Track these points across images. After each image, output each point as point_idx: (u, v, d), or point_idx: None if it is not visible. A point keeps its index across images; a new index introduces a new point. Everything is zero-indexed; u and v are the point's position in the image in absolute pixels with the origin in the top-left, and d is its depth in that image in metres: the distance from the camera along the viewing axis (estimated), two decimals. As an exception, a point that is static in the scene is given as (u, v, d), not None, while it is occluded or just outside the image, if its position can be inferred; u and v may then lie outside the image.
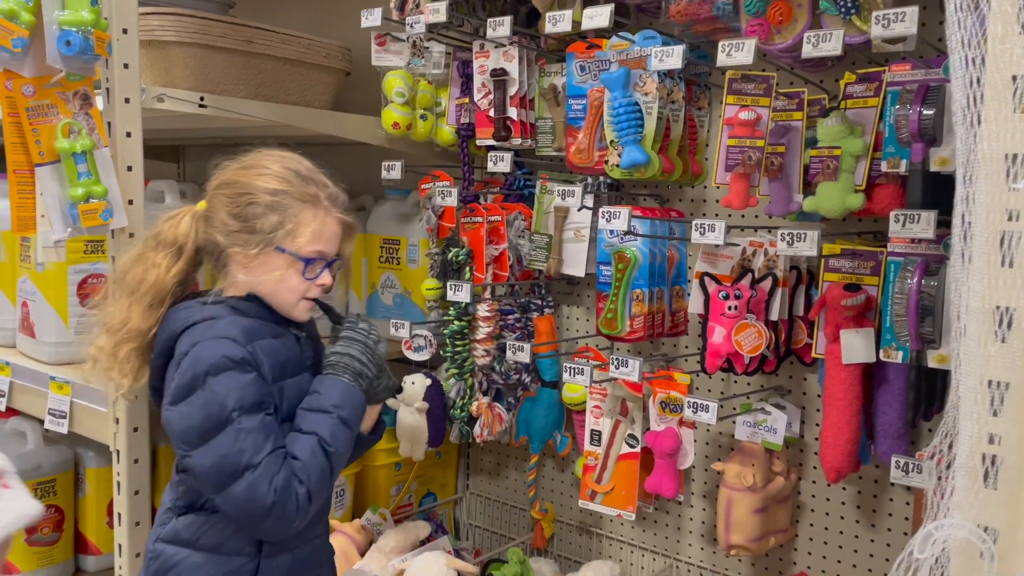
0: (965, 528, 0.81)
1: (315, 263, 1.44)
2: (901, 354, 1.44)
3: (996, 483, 0.80)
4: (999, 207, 0.75)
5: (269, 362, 1.39)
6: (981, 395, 0.79)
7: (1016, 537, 0.81)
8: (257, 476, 1.31)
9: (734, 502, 1.68)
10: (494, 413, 2.03)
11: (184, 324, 1.40)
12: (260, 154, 1.47)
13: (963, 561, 0.82)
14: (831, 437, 1.52)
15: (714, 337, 1.62)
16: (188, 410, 1.33)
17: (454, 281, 1.89)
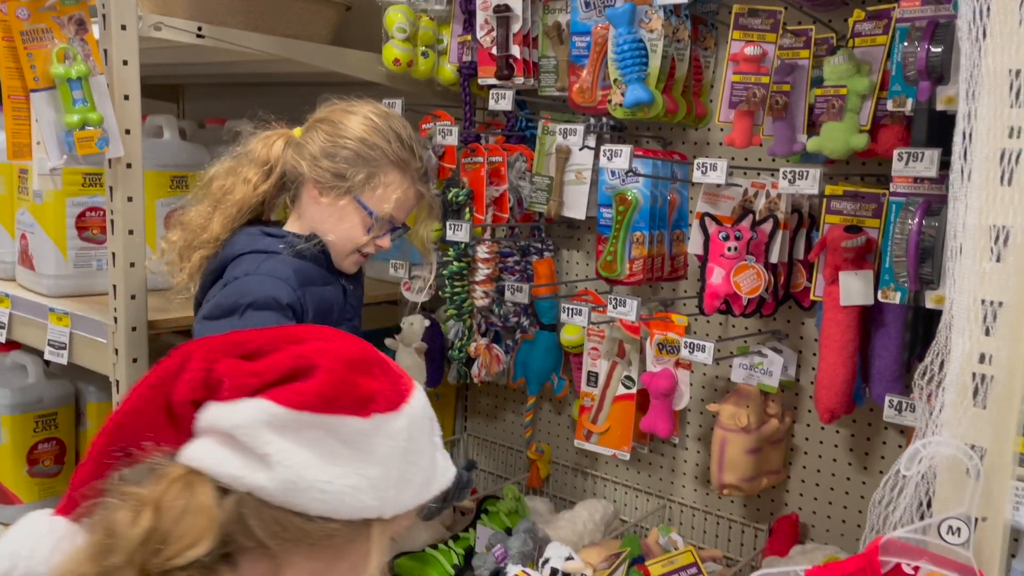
0: (952, 445, 0.81)
1: (383, 224, 1.46)
2: (899, 295, 1.43)
3: (985, 401, 0.81)
4: (1001, 124, 0.74)
5: (314, 308, 1.43)
6: (974, 313, 0.79)
7: (1003, 455, 0.82)
8: None
9: (728, 442, 1.69)
10: (492, 354, 2.04)
11: (241, 250, 1.44)
12: (368, 104, 1.51)
13: (949, 478, 0.83)
14: (826, 378, 1.53)
15: (713, 278, 1.61)
16: (217, 331, 1.35)
17: (453, 221, 1.88)
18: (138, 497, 0.76)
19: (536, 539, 1.65)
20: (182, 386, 0.79)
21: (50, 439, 2.13)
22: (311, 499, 0.76)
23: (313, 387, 0.77)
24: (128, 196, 1.66)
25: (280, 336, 0.83)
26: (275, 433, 0.76)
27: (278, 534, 0.76)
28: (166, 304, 1.88)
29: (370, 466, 0.78)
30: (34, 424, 2.09)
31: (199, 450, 0.78)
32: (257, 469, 0.76)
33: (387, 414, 0.80)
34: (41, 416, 2.11)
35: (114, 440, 0.81)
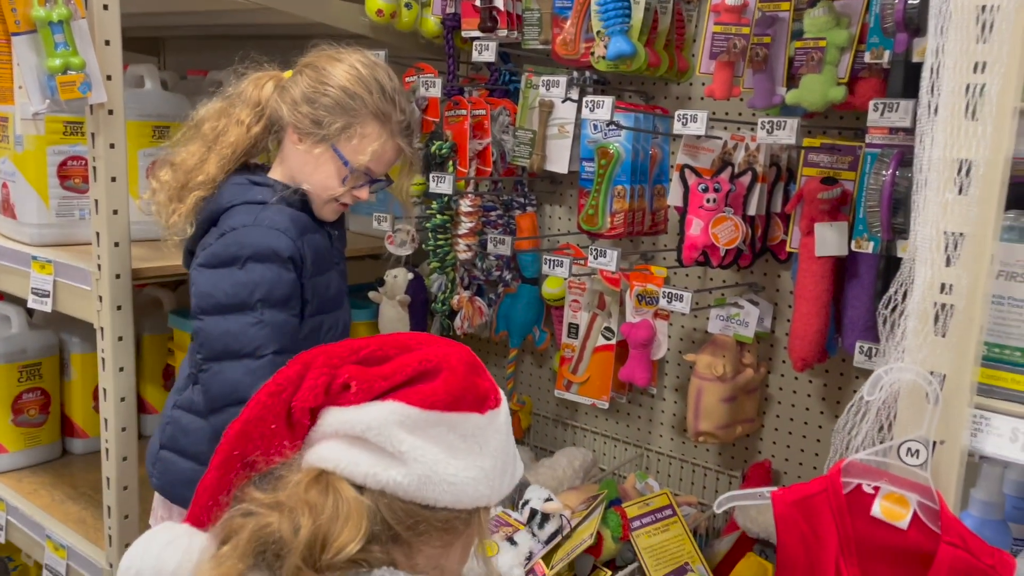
0: (913, 371, 0.85)
1: (359, 175, 1.46)
2: (872, 244, 1.47)
3: (945, 329, 0.84)
4: (967, 58, 0.77)
5: (312, 256, 1.43)
6: (936, 243, 0.82)
7: (961, 381, 0.86)
8: (254, 367, 1.33)
9: (704, 391, 1.73)
10: (475, 306, 2.06)
11: (232, 200, 1.43)
12: (356, 53, 1.49)
13: (910, 403, 0.86)
14: (800, 328, 1.57)
15: (691, 230, 1.64)
16: (217, 280, 1.36)
17: (437, 174, 1.89)
18: (280, 502, 0.81)
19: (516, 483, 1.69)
20: (305, 392, 0.85)
21: (34, 389, 2.14)
22: (441, 492, 0.82)
23: (441, 387, 0.83)
24: (110, 143, 1.66)
25: (392, 343, 0.89)
26: (407, 432, 0.82)
27: (411, 526, 0.83)
28: (150, 253, 1.89)
29: (485, 458, 0.86)
30: (18, 374, 2.10)
31: (328, 452, 0.83)
32: (391, 466, 0.82)
33: (496, 410, 0.88)
34: (25, 366, 2.11)
35: (235, 448, 0.86)
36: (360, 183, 1.49)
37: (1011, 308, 0.91)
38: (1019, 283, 0.90)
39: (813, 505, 0.96)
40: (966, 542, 0.89)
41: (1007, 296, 0.92)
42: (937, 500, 0.89)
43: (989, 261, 0.86)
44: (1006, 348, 0.93)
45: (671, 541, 1.60)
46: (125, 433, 1.74)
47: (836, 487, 0.95)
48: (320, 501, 0.80)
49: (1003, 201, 0.84)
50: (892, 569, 0.93)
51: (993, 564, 0.88)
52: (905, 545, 0.92)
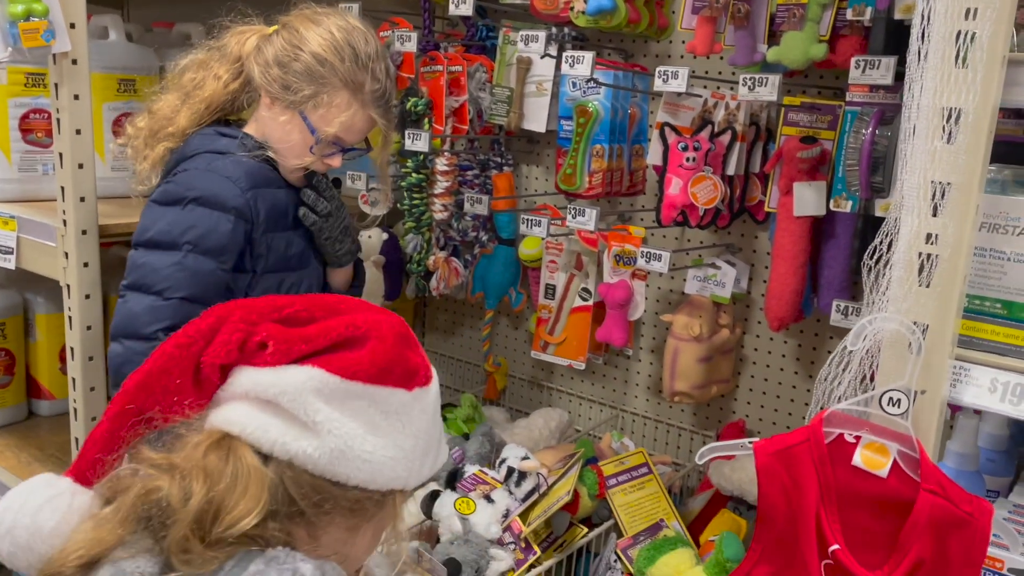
0: (896, 320, 0.85)
1: (325, 145, 1.42)
2: (850, 204, 1.47)
3: (930, 279, 0.84)
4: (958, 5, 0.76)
5: (266, 211, 1.40)
6: (923, 192, 0.82)
7: (943, 332, 0.86)
8: (157, 306, 1.31)
9: (680, 351, 1.74)
10: (450, 267, 2.04)
11: (196, 150, 1.41)
12: (336, 15, 1.43)
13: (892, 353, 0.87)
14: (777, 288, 1.57)
15: (670, 189, 1.63)
16: (157, 215, 1.36)
17: (412, 131, 1.86)
18: (174, 464, 0.74)
19: (493, 442, 1.69)
20: (217, 347, 0.77)
21: (-2, 350, 2.09)
22: (354, 469, 0.76)
23: (367, 357, 0.76)
24: (75, 94, 1.60)
25: (319, 304, 0.82)
26: (324, 401, 0.75)
27: (316, 503, 0.76)
28: (117, 210, 1.84)
29: (406, 437, 0.79)
30: (-19, 335, 2.05)
31: (236, 414, 0.76)
32: (303, 436, 0.75)
33: (424, 388, 0.81)
34: (-12, 326, 2.06)
35: (134, 400, 0.79)
36: (331, 152, 1.45)
37: (992, 260, 0.92)
38: (1001, 235, 0.91)
39: (794, 455, 0.97)
40: (945, 490, 0.90)
41: (989, 248, 0.92)
42: (917, 449, 0.90)
43: (975, 211, 0.86)
44: (987, 300, 0.93)
45: (646, 498, 1.61)
46: (94, 393, 1.71)
47: (818, 437, 0.95)
48: (218, 467, 0.73)
49: (989, 150, 0.84)
50: (872, 517, 0.94)
51: (971, 511, 0.89)
52: (885, 493, 0.93)
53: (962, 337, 0.93)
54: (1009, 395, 0.88)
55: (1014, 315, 0.92)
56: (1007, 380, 0.88)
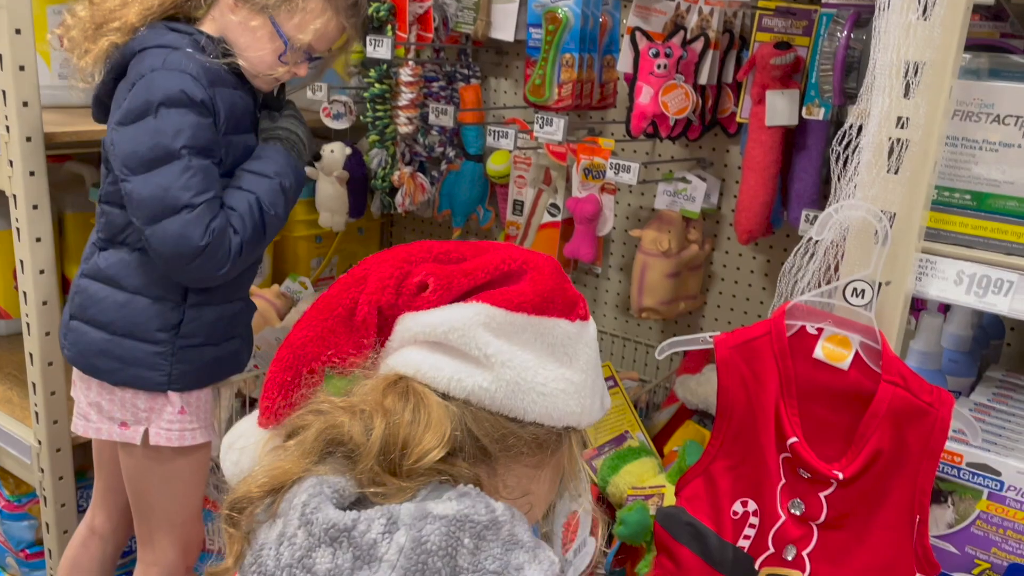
0: (863, 208, 0.82)
1: (297, 54, 1.37)
2: (823, 111, 1.43)
3: (898, 166, 0.81)
4: None
5: (226, 110, 1.34)
6: (896, 70, 0.79)
7: (910, 222, 0.84)
8: (194, 216, 1.28)
9: (648, 267, 1.71)
10: (416, 183, 1.99)
11: (143, 44, 1.33)
12: None
13: (858, 243, 0.85)
14: (747, 200, 1.54)
15: (641, 98, 1.58)
16: (136, 134, 1.28)
17: (374, 37, 1.78)
18: (353, 404, 0.74)
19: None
20: (373, 286, 0.76)
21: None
22: (530, 402, 0.75)
23: (529, 288, 0.75)
24: (13, -10, 1.51)
25: (466, 246, 0.81)
26: (493, 335, 0.74)
27: (498, 438, 0.75)
28: (64, 119, 1.76)
29: (574, 371, 0.78)
30: (-73, 251, 1.98)
31: (408, 358, 0.75)
32: (476, 371, 0.74)
33: (585, 321, 0.80)
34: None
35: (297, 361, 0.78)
36: (298, 60, 1.40)
37: (963, 149, 0.89)
38: (973, 123, 0.88)
39: (755, 348, 0.95)
40: (906, 381, 0.89)
41: (961, 137, 0.89)
42: (880, 340, 0.89)
43: (948, 94, 0.82)
44: (956, 191, 0.91)
45: (612, 411, 1.60)
46: (46, 307, 1.66)
47: (779, 330, 0.93)
48: (398, 405, 0.73)
49: (966, 28, 0.81)
50: (831, 410, 0.93)
51: (931, 401, 0.88)
52: (845, 386, 0.92)
53: (929, 230, 0.90)
54: (975, 287, 0.86)
55: (983, 206, 0.90)
56: (973, 272, 0.86)
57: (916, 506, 0.91)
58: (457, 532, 0.65)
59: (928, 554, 0.92)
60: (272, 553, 0.67)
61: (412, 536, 0.64)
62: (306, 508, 0.67)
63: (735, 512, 0.98)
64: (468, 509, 0.67)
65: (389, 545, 0.64)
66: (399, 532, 0.65)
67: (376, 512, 0.66)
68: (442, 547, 0.64)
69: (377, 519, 0.66)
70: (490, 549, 0.67)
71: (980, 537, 0.98)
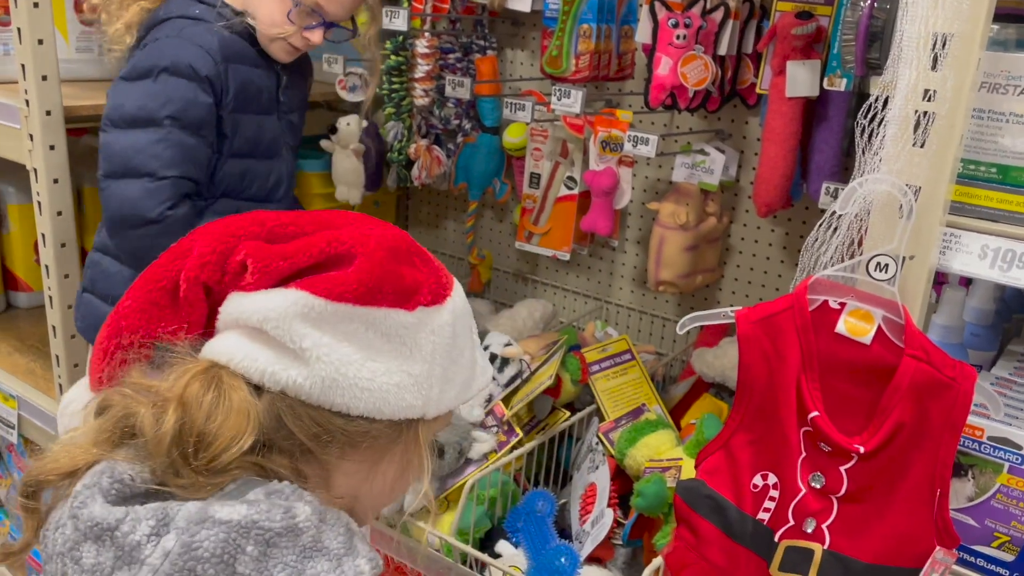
0: (888, 182, 0.82)
1: (306, 11, 1.35)
2: (845, 81, 1.42)
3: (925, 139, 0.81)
4: None
5: (236, 87, 1.35)
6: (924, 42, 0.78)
7: (935, 196, 0.83)
8: (155, 187, 1.27)
9: (666, 240, 1.71)
10: (432, 155, 1.99)
11: (169, 14, 1.34)
12: None
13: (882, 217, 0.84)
14: (766, 172, 1.53)
15: (660, 69, 1.57)
16: (129, 91, 1.30)
17: (390, 8, 1.77)
18: (156, 391, 0.70)
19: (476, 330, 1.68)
20: (194, 261, 0.71)
21: (-30, 239, 2.04)
22: (352, 398, 0.70)
23: (352, 276, 0.70)
24: (29, -37, 1.51)
25: (309, 219, 0.75)
26: (311, 326, 0.69)
27: (318, 435, 0.71)
28: (83, 93, 1.76)
29: (414, 363, 0.73)
30: (-50, 226, 2.00)
31: (224, 344, 0.71)
32: (291, 365, 0.69)
33: (431, 307, 0.74)
34: (-43, 217, 2.01)
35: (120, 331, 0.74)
36: (311, 24, 1.38)
37: (990, 122, 0.88)
38: (1000, 95, 0.86)
39: (777, 323, 0.95)
40: (929, 355, 0.89)
41: (988, 109, 0.88)
42: (903, 315, 0.88)
43: (976, 66, 0.81)
44: (981, 164, 0.90)
45: (629, 384, 1.61)
46: (68, 280, 1.68)
47: (801, 304, 0.93)
48: (197, 396, 0.68)
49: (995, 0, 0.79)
50: (853, 384, 0.93)
51: (954, 376, 0.88)
52: (867, 360, 0.92)
53: (954, 204, 0.90)
54: (999, 261, 0.85)
55: (1009, 179, 0.89)
56: (998, 246, 0.85)
57: (937, 479, 0.91)
58: (238, 539, 0.62)
59: (948, 527, 0.93)
60: (51, 536, 0.66)
61: (183, 541, 0.61)
62: (75, 500, 0.65)
63: (755, 485, 0.98)
64: (258, 515, 0.63)
65: (155, 548, 0.62)
66: (169, 536, 0.62)
67: (147, 511, 0.64)
68: (216, 554, 0.61)
69: (146, 519, 0.63)
70: (282, 556, 0.63)
71: (1000, 510, 0.98)
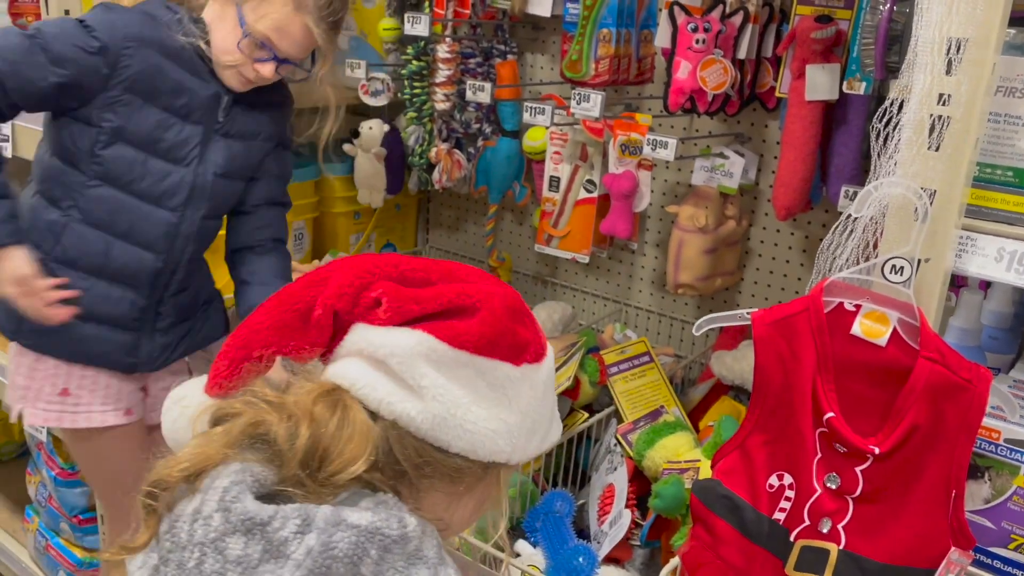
0: (903, 185, 0.82)
1: (253, 45, 1.33)
2: (864, 85, 1.42)
3: (939, 143, 0.81)
4: None
5: (139, 70, 1.31)
6: (938, 47, 0.78)
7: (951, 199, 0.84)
8: None
9: (685, 243, 1.72)
10: (453, 159, 2.01)
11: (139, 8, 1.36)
12: None
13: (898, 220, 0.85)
14: (785, 175, 1.54)
15: (679, 73, 1.58)
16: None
17: (412, 14, 1.79)
18: (284, 404, 0.76)
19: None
20: (332, 290, 0.78)
21: None
22: (455, 436, 0.76)
23: (475, 328, 0.76)
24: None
25: (436, 268, 0.81)
26: (431, 367, 0.75)
27: (420, 465, 0.77)
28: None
29: (511, 413, 0.79)
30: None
31: (348, 369, 0.77)
32: (407, 399, 0.76)
33: (533, 365, 0.81)
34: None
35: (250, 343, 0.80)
36: (262, 57, 1.35)
37: (1006, 125, 0.88)
38: (1017, 99, 0.87)
39: (792, 324, 0.96)
40: (944, 357, 0.89)
41: (1004, 113, 0.88)
42: (918, 317, 0.89)
43: (991, 70, 0.82)
44: (998, 168, 0.90)
45: (647, 386, 1.62)
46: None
47: (817, 306, 0.94)
48: (325, 415, 0.74)
49: (1010, 2, 0.80)
50: (869, 386, 0.94)
51: (969, 378, 0.89)
52: (883, 362, 0.93)
53: (971, 207, 0.90)
54: (1016, 264, 0.86)
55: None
56: (1014, 249, 0.86)
57: (952, 481, 0.91)
58: (365, 543, 0.69)
59: (963, 528, 0.93)
60: (186, 527, 0.69)
61: (322, 540, 0.67)
62: (227, 494, 0.69)
63: (771, 485, 0.99)
64: (381, 522, 0.70)
65: (299, 545, 0.67)
66: (311, 534, 0.68)
67: (292, 510, 0.69)
68: (348, 555, 0.68)
69: (293, 518, 0.68)
70: (393, 562, 0.70)
71: (1017, 512, 0.98)
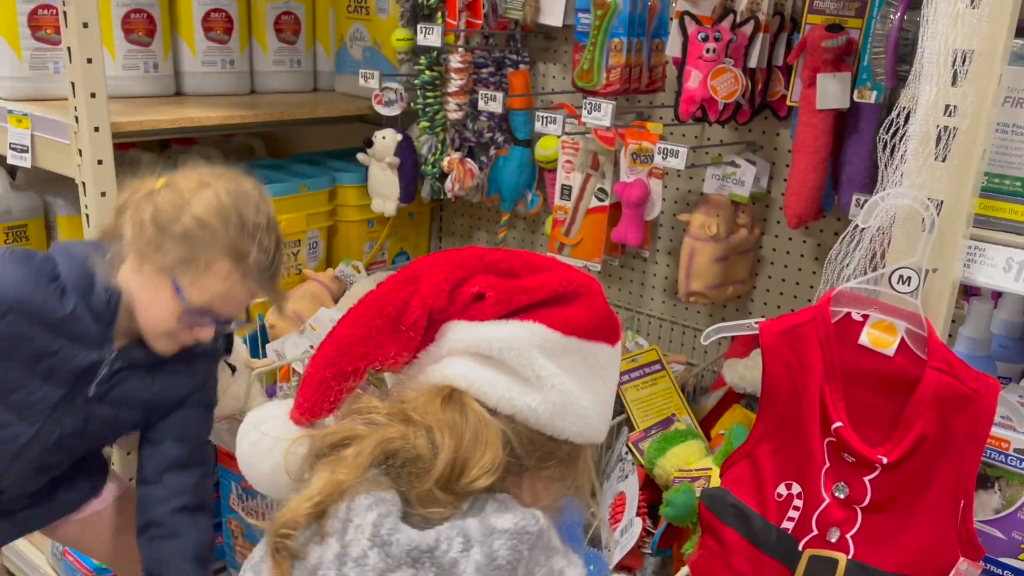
0: (910, 196, 0.83)
1: (195, 316, 1.27)
2: (875, 94, 1.42)
3: (946, 154, 0.82)
4: None
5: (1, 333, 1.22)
6: (944, 59, 0.79)
7: (958, 209, 0.84)
8: None
9: (696, 251, 1.72)
10: (465, 168, 2.02)
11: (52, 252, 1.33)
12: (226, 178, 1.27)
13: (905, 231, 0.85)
14: (797, 183, 1.54)
15: (690, 82, 1.58)
16: None
17: (425, 25, 1.81)
18: (408, 416, 0.74)
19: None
20: (427, 290, 0.76)
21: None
22: (570, 423, 0.77)
23: (583, 314, 0.76)
24: (80, -15, 1.57)
25: (518, 258, 0.81)
26: (545, 357, 0.75)
27: (539, 457, 0.77)
28: (129, 109, 1.83)
29: (605, 393, 0.80)
30: (4, 235, 2.08)
31: (460, 369, 0.76)
32: (528, 392, 0.75)
33: (617, 345, 0.82)
34: (11, 227, 2.09)
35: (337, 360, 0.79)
36: (199, 322, 1.28)
37: (1014, 136, 0.88)
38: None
39: (800, 334, 0.96)
40: (952, 367, 0.89)
41: (1012, 124, 0.88)
42: (926, 327, 0.89)
43: (997, 81, 0.82)
44: (1006, 178, 0.90)
45: (659, 394, 1.62)
46: (114, 290, 1.73)
47: (824, 316, 0.94)
48: (459, 422, 0.73)
49: (1016, 14, 0.80)
50: (876, 395, 0.94)
51: (977, 388, 0.89)
52: (890, 372, 0.93)
53: (979, 217, 0.90)
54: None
55: (1034, 193, 0.89)
56: (1023, 259, 0.86)
57: (961, 491, 0.91)
58: (518, 544, 0.68)
59: (972, 538, 0.93)
60: (338, 572, 0.67)
61: (485, 552, 0.67)
62: (379, 528, 0.67)
63: (779, 494, 0.99)
64: (523, 521, 0.69)
65: (467, 563, 0.66)
66: (474, 548, 0.67)
67: (450, 530, 0.68)
68: (509, 560, 0.67)
69: (455, 538, 0.67)
70: (536, 557, 0.69)
71: (1028, 523, 0.98)
